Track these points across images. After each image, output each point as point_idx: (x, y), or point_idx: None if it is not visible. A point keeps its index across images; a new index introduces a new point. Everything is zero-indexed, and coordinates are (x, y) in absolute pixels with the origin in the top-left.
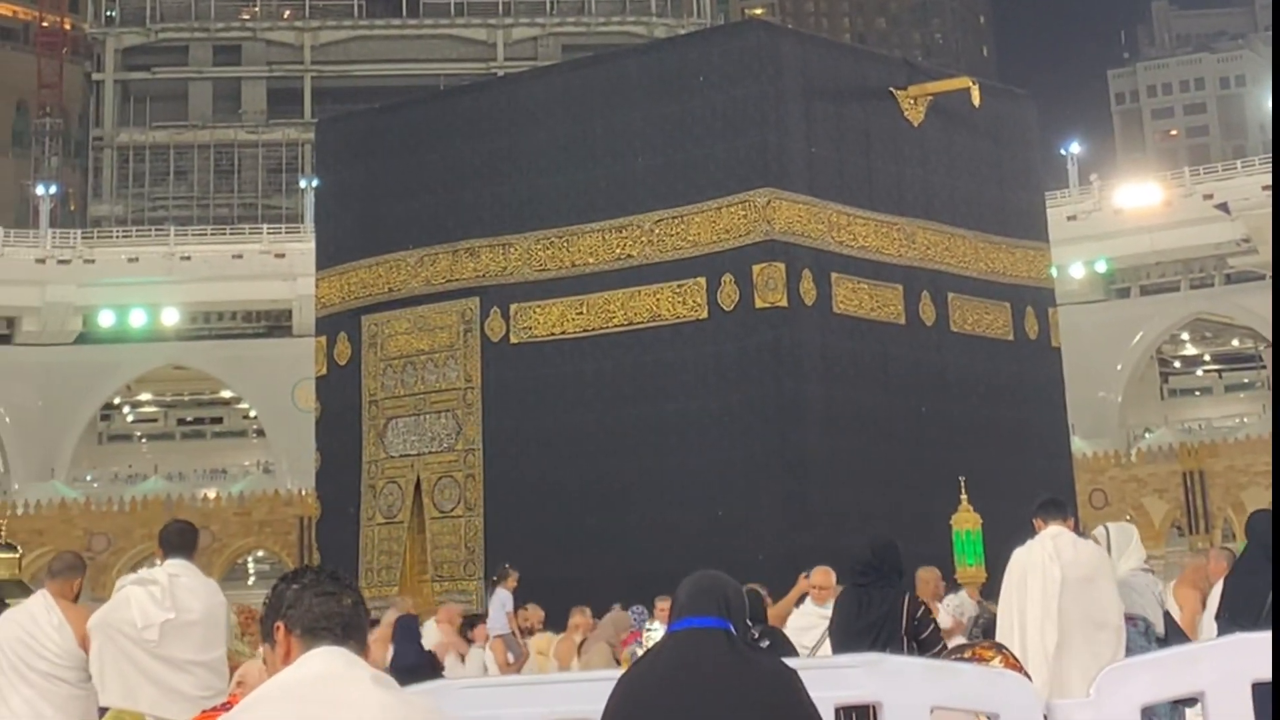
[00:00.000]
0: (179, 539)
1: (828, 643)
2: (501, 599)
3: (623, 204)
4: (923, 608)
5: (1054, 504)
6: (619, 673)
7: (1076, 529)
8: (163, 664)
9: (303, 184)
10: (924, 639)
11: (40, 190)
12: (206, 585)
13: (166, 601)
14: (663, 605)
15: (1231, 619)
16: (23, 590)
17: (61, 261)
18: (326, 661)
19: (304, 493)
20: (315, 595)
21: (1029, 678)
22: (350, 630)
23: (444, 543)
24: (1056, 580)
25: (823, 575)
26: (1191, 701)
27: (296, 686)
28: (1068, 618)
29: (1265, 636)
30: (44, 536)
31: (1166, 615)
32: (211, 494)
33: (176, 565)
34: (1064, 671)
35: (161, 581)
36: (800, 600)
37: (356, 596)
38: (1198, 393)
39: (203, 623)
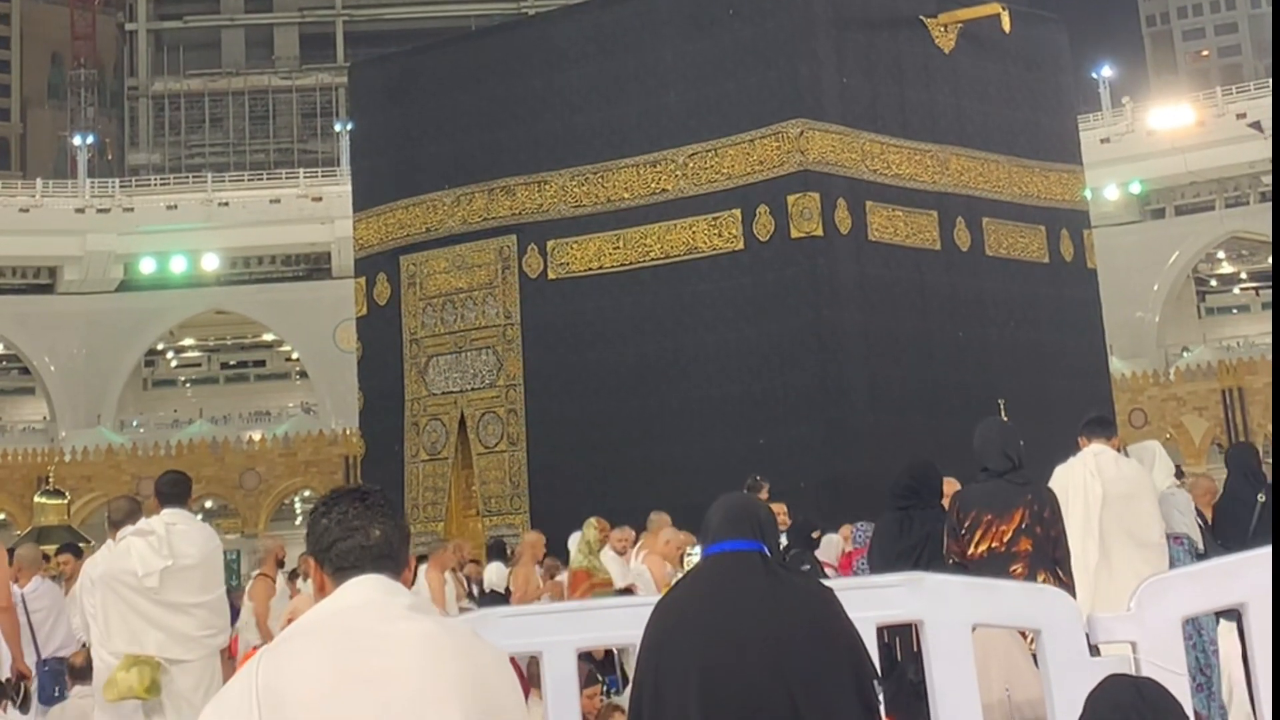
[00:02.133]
0: (172, 489)
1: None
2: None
3: (656, 139)
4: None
5: (1099, 422)
6: (657, 598)
7: (1121, 448)
8: (165, 608)
9: (337, 128)
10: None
11: (77, 141)
12: (202, 531)
13: (164, 549)
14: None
15: (1222, 541)
16: (72, 534)
17: (101, 210)
18: (363, 591)
19: (348, 432)
20: (341, 530)
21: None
22: (382, 561)
23: (490, 478)
24: (1098, 497)
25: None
26: (1232, 614)
27: (334, 617)
28: (1109, 534)
29: None
30: (92, 483)
31: (1203, 531)
32: (256, 436)
33: (172, 514)
34: (1104, 587)
35: (159, 531)
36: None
37: (389, 522)
38: (1235, 310)
39: (200, 566)
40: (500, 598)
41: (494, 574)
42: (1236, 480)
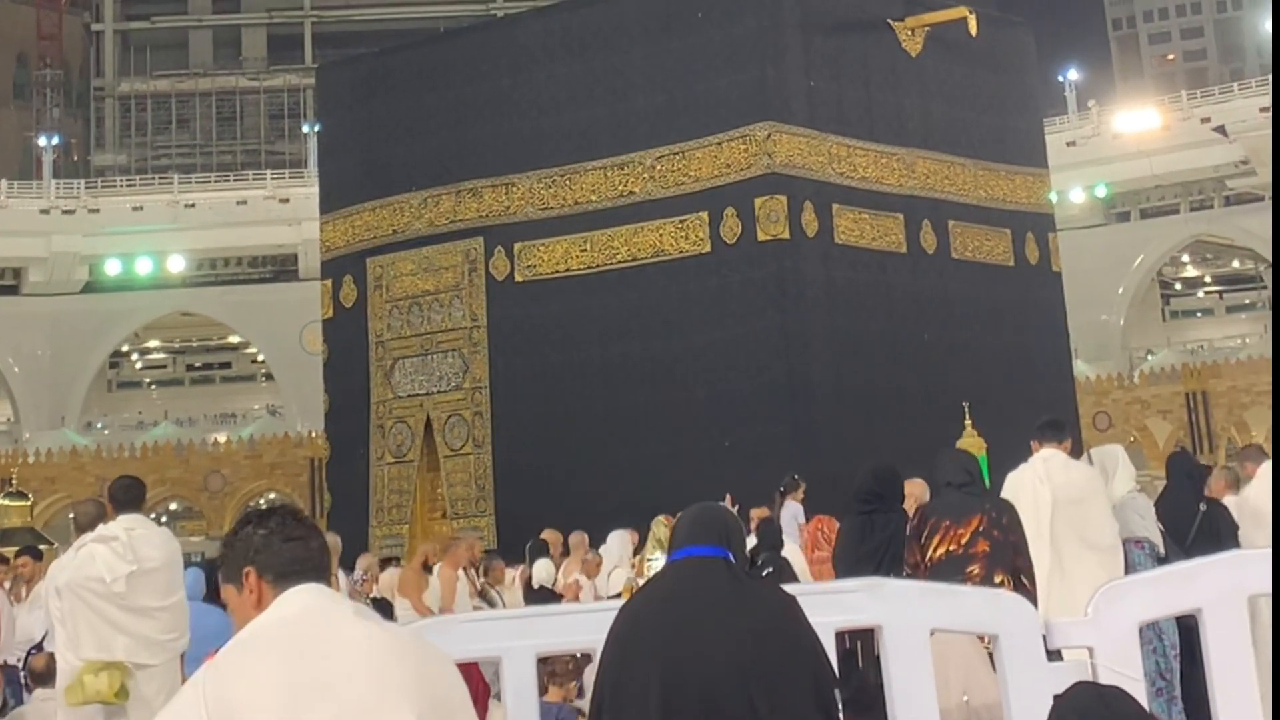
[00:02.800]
0: (126, 495)
1: None
2: (792, 511)
3: (624, 141)
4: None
5: (1051, 426)
6: (619, 603)
7: (1077, 451)
8: (131, 614)
9: (305, 129)
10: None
11: (43, 141)
12: (162, 534)
13: (128, 554)
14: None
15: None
16: (35, 537)
17: (66, 212)
18: (308, 599)
19: (314, 434)
20: (283, 540)
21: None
22: (321, 572)
23: (456, 480)
24: (1048, 502)
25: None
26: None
27: (281, 625)
28: (1061, 539)
29: (1262, 553)
30: (56, 484)
31: (1165, 536)
32: (222, 438)
33: (130, 519)
34: (1057, 592)
35: (120, 536)
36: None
37: (322, 539)
38: (1199, 314)
39: (163, 569)
40: (550, 594)
41: (542, 571)
42: (1177, 489)
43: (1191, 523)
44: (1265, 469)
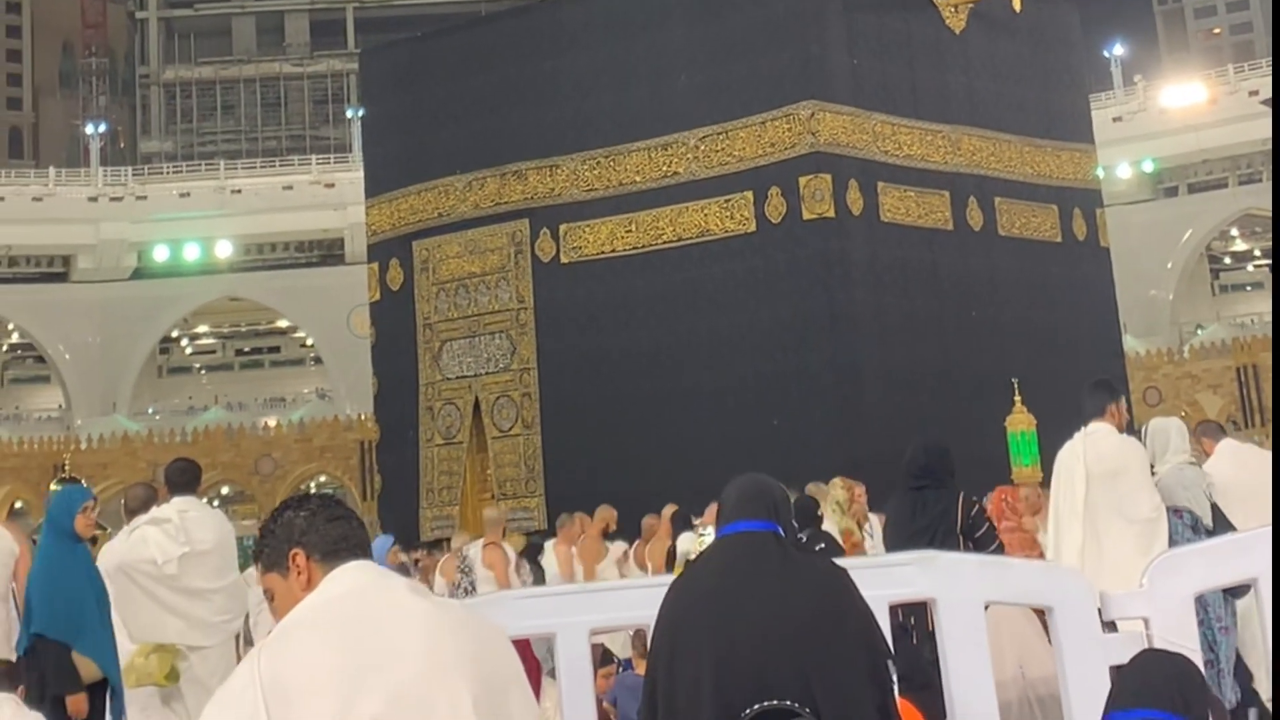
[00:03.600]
0: (181, 477)
1: None
2: None
3: (667, 122)
4: (976, 507)
5: (1095, 388)
6: (671, 579)
7: (1125, 420)
8: (184, 595)
9: (349, 114)
10: (979, 538)
11: (89, 129)
12: (214, 516)
13: (180, 536)
14: (711, 511)
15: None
16: None
17: (114, 199)
18: (358, 576)
19: (363, 417)
20: (327, 520)
21: None
22: (365, 550)
23: (505, 461)
24: (1081, 477)
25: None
26: (1242, 591)
27: (334, 603)
28: (1096, 513)
29: None
30: (108, 470)
31: (1215, 508)
32: (272, 422)
33: (184, 501)
34: (1092, 566)
35: (173, 519)
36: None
37: (360, 520)
38: (1249, 288)
39: (216, 551)
40: None
41: (686, 544)
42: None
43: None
44: (1224, 446)
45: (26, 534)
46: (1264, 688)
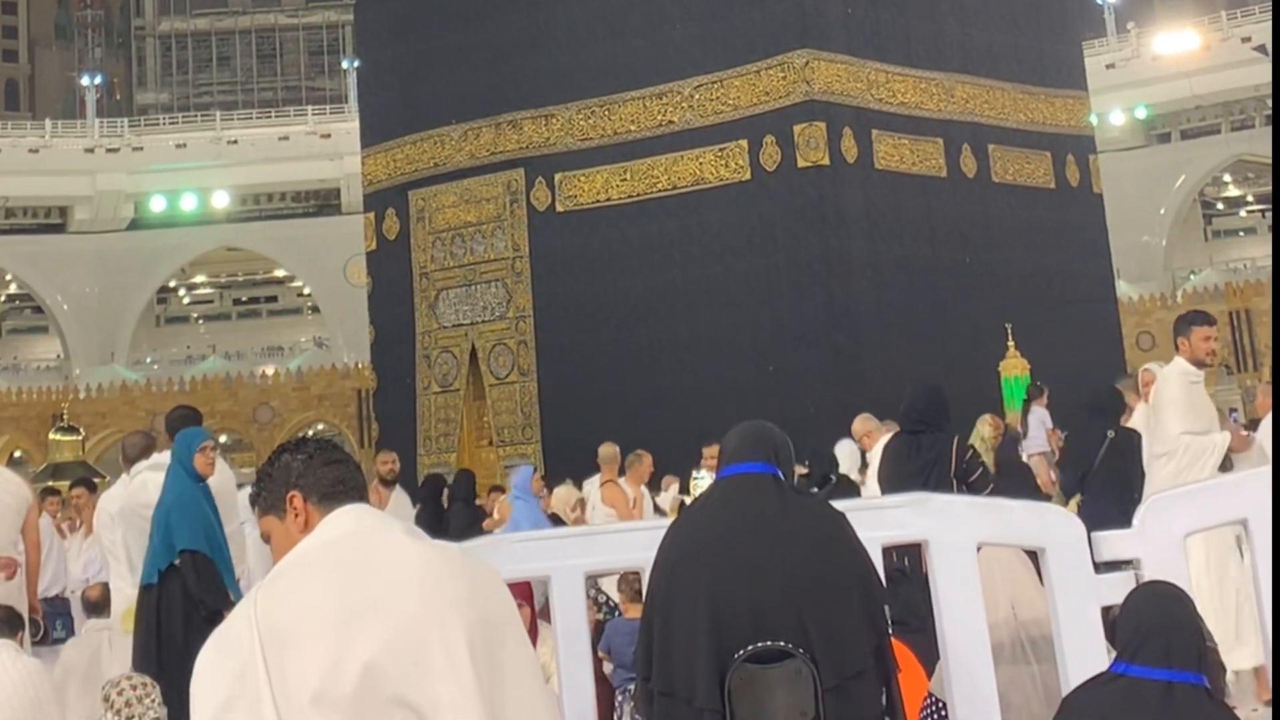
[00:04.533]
0: (183, 424)
1: None
2: (1039, 416)
3: (662, 71)
4: (971, 451)
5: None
6: (666, 522)
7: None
8: None
9: (345, 65)
10: (973, 481)
11: (85, 81)
12: (217, 463)
13: None
14: (710, 453)
15: (1068, 469)
16: (87, 470)
17: (110, 150)
18: (354, 519)
19: (360, 365)
20: (324, 464)
21: None
22: (362, 493)
23: (502, 408)
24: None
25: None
26: None
27: (330, 546)
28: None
29: None
30: (106, 419)
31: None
32: (270, 371)
33: None
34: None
35: None
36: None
37: (357, 464)
38: (1241, 233)
39: (218, 496)
40: None
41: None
42: (1088, 416)
43: (1098, 449)
44: (1142, 407)
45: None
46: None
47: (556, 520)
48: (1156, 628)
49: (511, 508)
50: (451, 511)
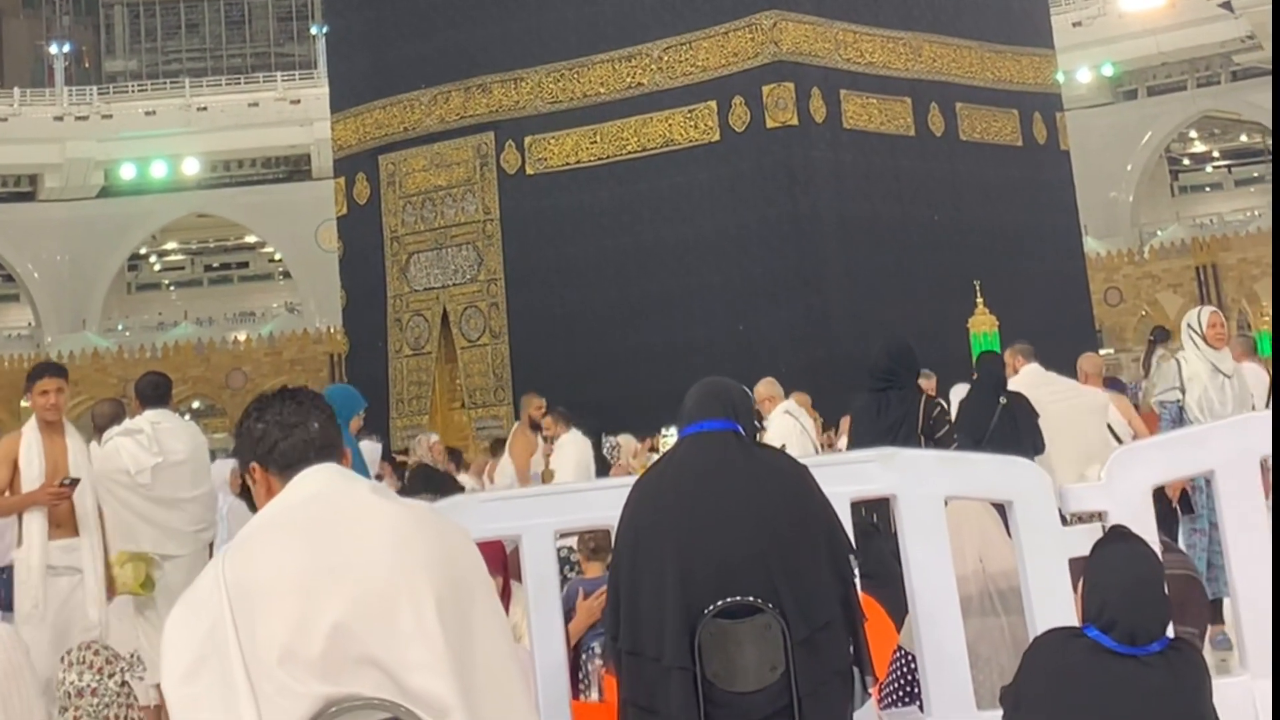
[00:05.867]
0: (154, 390)
1: None
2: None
3: (630, 33)
4: (939, 408)
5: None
6: (633, 479)
7: (1089, 331)
8: (157, 505)
9: (314, 31)
10: (939, 437)
11: (54, 49)
12: (187, 428)
13: (154, 447)
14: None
15: (960, 435)
16: None
17: (79, 118)
18: (322, 479)
19: (332, 330)
20: (281, 431)
21: None
22: (326, 451)
23: (474, 370)
24: None
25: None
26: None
27: (297, 507)
28: None
29: (1266, 416)
30: (79, 386)
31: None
32: (242, 336)
33: (156, 414)
34: None
35: (145, 429)
36: None
37: (323, 415)
38: (1208, 189)
39: (189, 462)
40: None
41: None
42: (981, 384)
43: (992, 415)
44: (1029, 369)
45: None
46: None
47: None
48: (1122, 611)
49: None
50: None
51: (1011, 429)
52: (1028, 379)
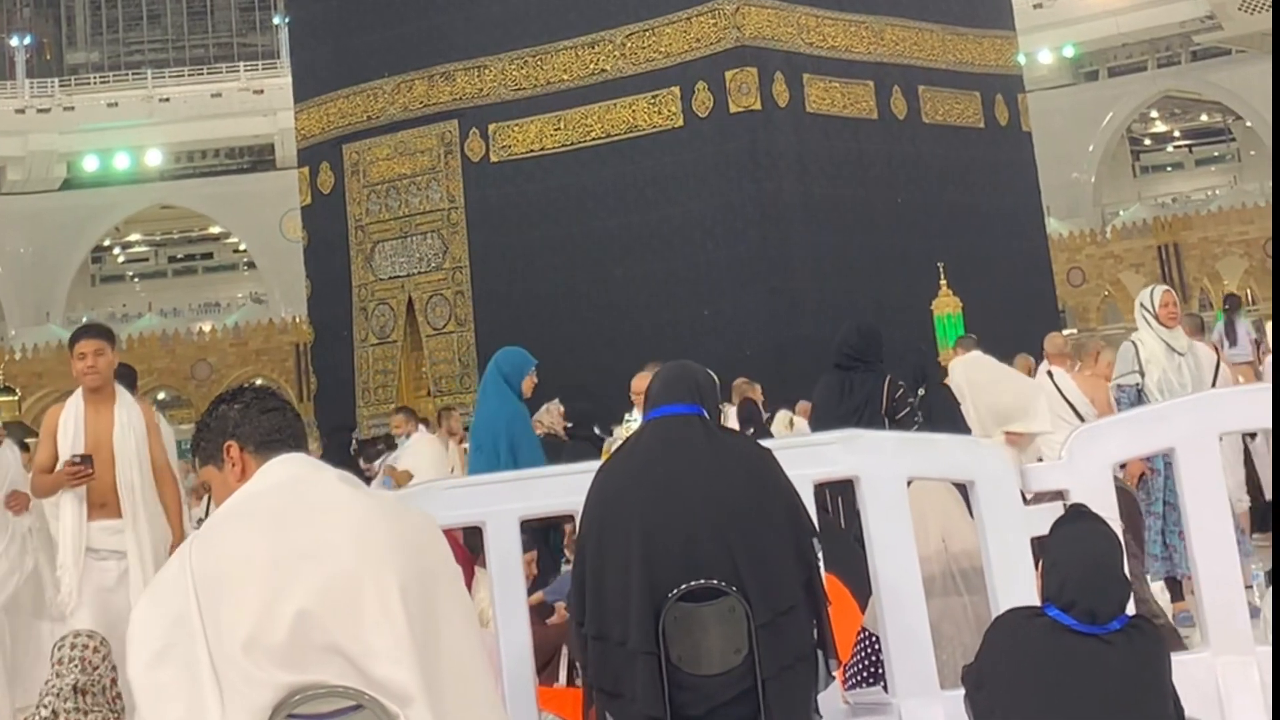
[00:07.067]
0: (120, 382)
1: None
2: (1245, 327)
3: (593, 20)
4: (901, 389)
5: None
6: (596, 465)
7: (1053, 309)
8: None
9: (276, 20)
10: (900, 418)
11: (14, 42)
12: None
13: None
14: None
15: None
16: (24, 431)
17: (41, 110)
18: (291, 468)
19: (297, 319)
20: (261, 412)
21: None
22: (301, 441)
23: (440, 358)
24: None
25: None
26: None
27: (265, 494)
28: None
29: (1231, 393)
30: (43, 379)
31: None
32: (207, 327)
33: None
34: None
35: None
36: None
37: (295, 411)
38: (1169, 168)
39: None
40: None
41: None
42: (904, 377)
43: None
44: (969, 356)
45: None
46: None
47: None
48: (1082, 590)
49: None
50: None
51: (927, 416)
52: (964, 366)
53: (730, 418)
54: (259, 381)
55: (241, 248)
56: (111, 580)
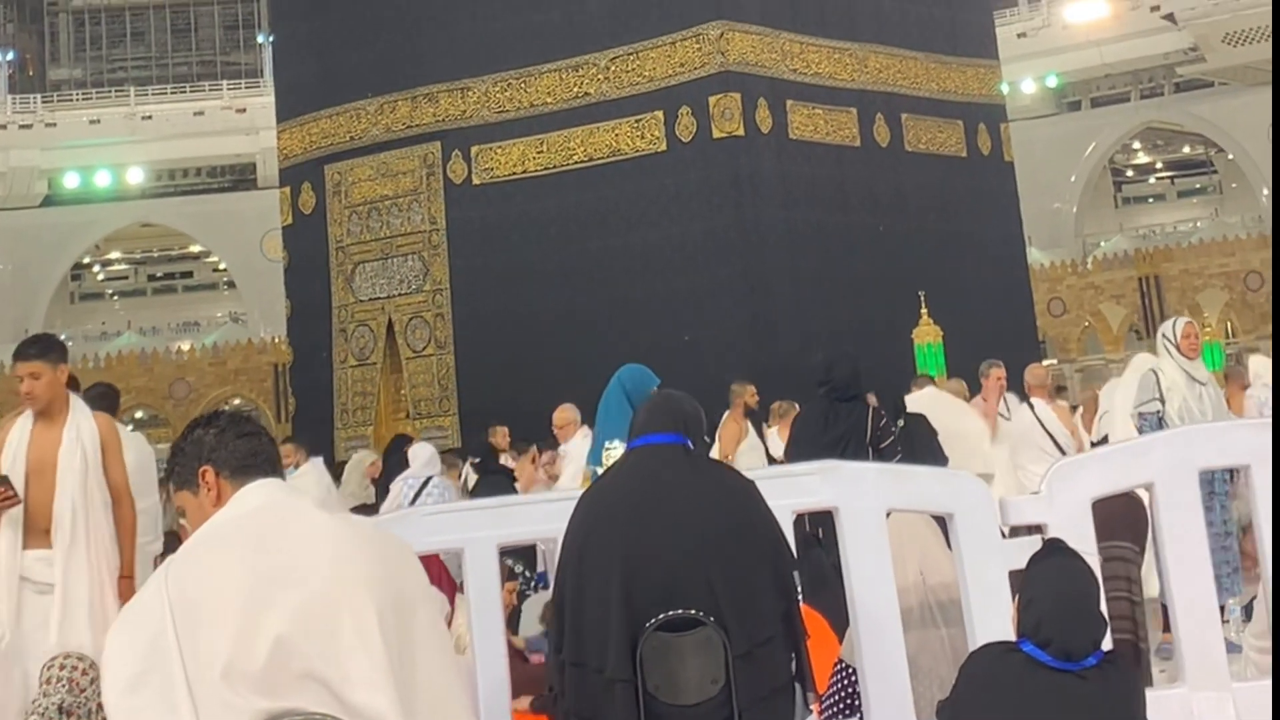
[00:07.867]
0: (101, 401)
1: None
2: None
3: (577, 43)
4: (884, 419)
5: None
6: (578, 493)
7: (1032, 340)
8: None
9: (260, 39)
10: (884, 448)
11: None
12: (134, 439)
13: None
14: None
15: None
16: None
17: (23, 126)
18: (267, 493)
19: (276, 340)
20: (237, 437)
21: None
22: (276, 467)
23: (419, 381)
24: None
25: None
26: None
27: (241, 520)
28: None
29: (1208, 429)
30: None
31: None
32: (186, 346)
33: None
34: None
35: None
36: None
37: (271, 437)
38: (1151, 200)
39: (136, 473)
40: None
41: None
42: (884, 403)
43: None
44: (924, 392)
45: None
46: None
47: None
48: (1057, 627)
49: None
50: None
51: (909, 448)
52: (919, 400)
53: (774, 439)
54: (237, 402)
55: (222, 267)
56: (43, 613)
